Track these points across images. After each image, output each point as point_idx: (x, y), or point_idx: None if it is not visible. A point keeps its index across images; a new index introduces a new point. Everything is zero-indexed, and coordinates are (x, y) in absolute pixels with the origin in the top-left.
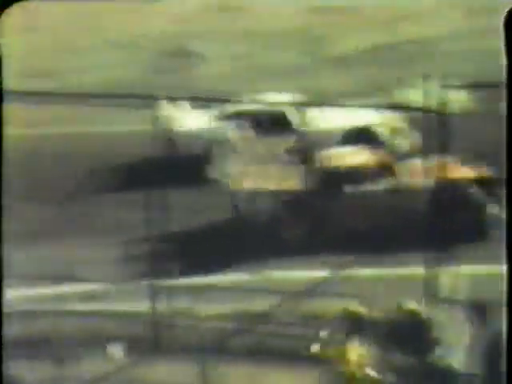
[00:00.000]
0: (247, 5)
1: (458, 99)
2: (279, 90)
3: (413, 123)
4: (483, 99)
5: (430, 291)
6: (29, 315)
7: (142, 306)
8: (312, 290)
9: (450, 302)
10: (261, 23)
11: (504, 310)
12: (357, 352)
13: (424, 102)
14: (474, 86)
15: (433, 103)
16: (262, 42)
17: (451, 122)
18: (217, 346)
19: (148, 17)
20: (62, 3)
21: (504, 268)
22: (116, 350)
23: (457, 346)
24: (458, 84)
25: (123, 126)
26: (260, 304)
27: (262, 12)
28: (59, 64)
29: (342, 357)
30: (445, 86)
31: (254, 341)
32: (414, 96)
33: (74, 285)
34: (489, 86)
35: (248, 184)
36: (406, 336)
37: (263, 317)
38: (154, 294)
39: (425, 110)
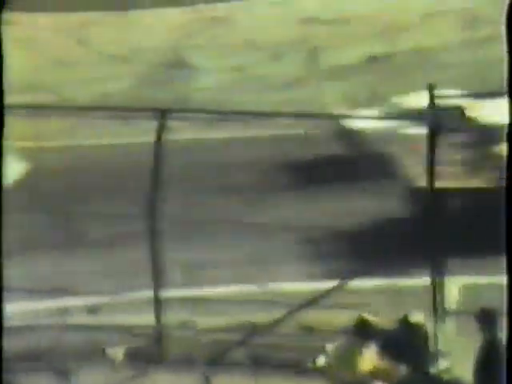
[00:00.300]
0: (237, 17)
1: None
2: (280, 101)
3: None
4: None
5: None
6: (30, 329)
7: (145, 318)
8: (317, 301)
9: (458, 313)
10: (253, 35)
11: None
12: (370, 361)
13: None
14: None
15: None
16: (257, 53)
17: None
18: (220, 359)
19: (141, 29)
20: (50, 15)
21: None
22: (116, 353)
23: (464, 358)
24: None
25: (123, 139)
26: (263, 316)
27: (253, 24)
28: (52, 78)
29: (354, 367)
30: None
31: (258, 353)
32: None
33: (76, 298)
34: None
35: (429, 183)
36: (412, 348)
37: (267, 329)
38: (157, 305)
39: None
